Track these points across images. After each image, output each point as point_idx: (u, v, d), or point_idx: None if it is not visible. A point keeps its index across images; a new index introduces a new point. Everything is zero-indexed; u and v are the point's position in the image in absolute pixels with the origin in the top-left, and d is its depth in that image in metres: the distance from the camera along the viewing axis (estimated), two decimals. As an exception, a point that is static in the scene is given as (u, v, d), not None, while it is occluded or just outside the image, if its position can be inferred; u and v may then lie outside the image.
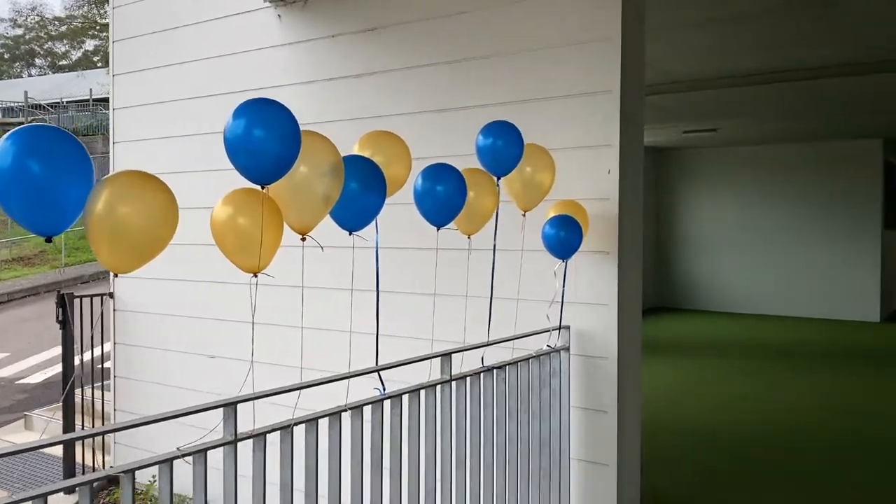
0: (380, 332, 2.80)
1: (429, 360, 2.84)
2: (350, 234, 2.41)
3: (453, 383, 2.97)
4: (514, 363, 3.40)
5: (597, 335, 3.79)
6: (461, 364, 3.04)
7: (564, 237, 3.56)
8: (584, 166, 3.82)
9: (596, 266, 3.78)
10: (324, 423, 2.37)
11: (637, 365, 4.04)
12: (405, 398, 2.71)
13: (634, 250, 4.06)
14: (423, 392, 2.80)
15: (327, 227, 2.43)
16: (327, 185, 2.22)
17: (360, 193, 2.36)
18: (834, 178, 13.79)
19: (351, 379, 2.49)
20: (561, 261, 3.63)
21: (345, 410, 2.42)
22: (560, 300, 3.73)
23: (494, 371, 3.24)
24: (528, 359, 3.50)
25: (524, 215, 3.55)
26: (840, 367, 8.69)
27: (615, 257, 3.78)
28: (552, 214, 3.63)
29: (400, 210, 2.96)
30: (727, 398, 7.18)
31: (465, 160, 3.28)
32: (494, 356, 3.27)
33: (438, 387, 2.88)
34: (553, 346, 3.69)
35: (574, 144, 3.85)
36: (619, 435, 3.75)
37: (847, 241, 13.67)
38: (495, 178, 3.26)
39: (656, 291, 15.42)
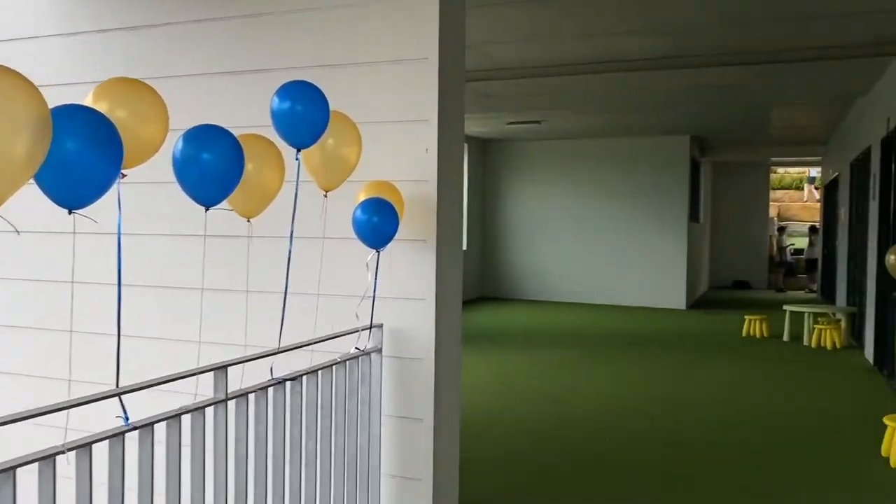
0: (141, 339, 2.16)
1: (195, 376, 2.24)
2: (70, 212, 1.78)
3: (230, 403, 2.40)
4: (314, 371, 2.87)
5: (412, 334, 3.35)
6: (242, 377, 2.47)
7: (378, 223, 3.08)
8: (400, 143, 3.36)
9: (412, 256, 3.34)
10: (31, 472, 1.72)
11: (456, 366, 3.66)
12: (161, 427, 2.11)
13: (454, 239, 3.67)
14: (186, 417, 2.20)
15: (40, 204, 1.79)
16: (26, 142, 1.58)
17: (82, 156, 1.73)
18: (647, 172, 14.44)
19: (80, 407, 1.85)
20: (374, 250, 3.15)
21: (62, 452, 1.78)
22: (371, 295, 3.25)
23: (287, 384, 2.70)
24: (331, 365, 2.99)
25: (325, 196, 3.02)
26: (655, 354, 8.95)
27: (433, 246, 3.36)
28: (363, 197, 3.14)
29: (157, 187, 2.34)
30: (550, 391, 7.08)
31: (264, 133, 2.71)
32: (288, 365, 2.73)
33: (209, 409, 2.30)
34: (363, 349, 3.20)
35: (388, 118, 3.38)
36: (436, 445, 3.34)
37: (658, 233, 14.37)
38: (295, 151, 2.72)
39: (480, 282, 15.46)
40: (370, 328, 3.25)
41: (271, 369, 2.63)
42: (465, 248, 14.68)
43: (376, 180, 3.23)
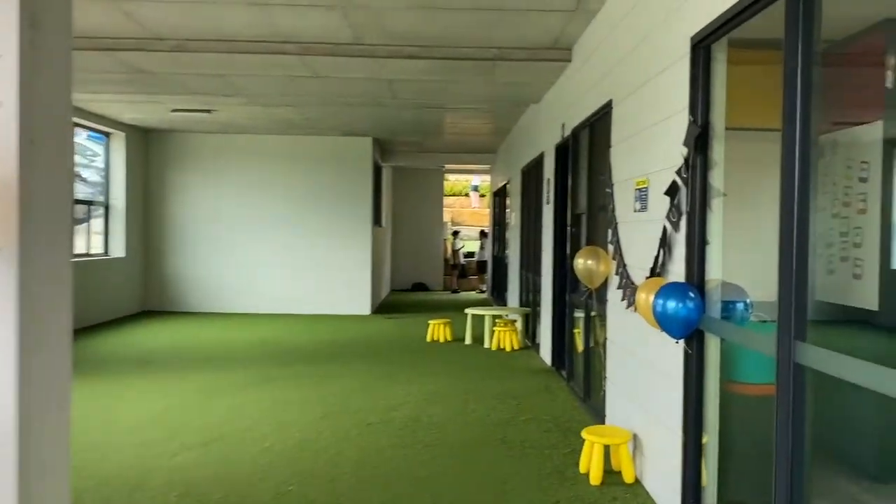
0: None
1: None
2: None
3: None
4: None
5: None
6: None
7: None
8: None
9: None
10: None
11: (60, 438, 2.40)
12: None
13: (57, 248, 2.41)
14: None
15: None
16: None
17: None
18: (331, 174, 13.77)
19: None
20: None
21: None
22: None
23: None
24: None
25: None
26: (340, 368, 8.19)
27: (15, 255, 2.09)
28: None
29: None
30: (220, 426, 5.88)
31: None
32: None
33: None
34: None
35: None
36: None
37: (344, 237, 13.77)
38: None
39: (143, 293, 13.49)
40: None
41: None
42: (123, 254, 12.71)
43: None
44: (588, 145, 6.37)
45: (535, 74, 7.93)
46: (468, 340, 10.15)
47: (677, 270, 4.04)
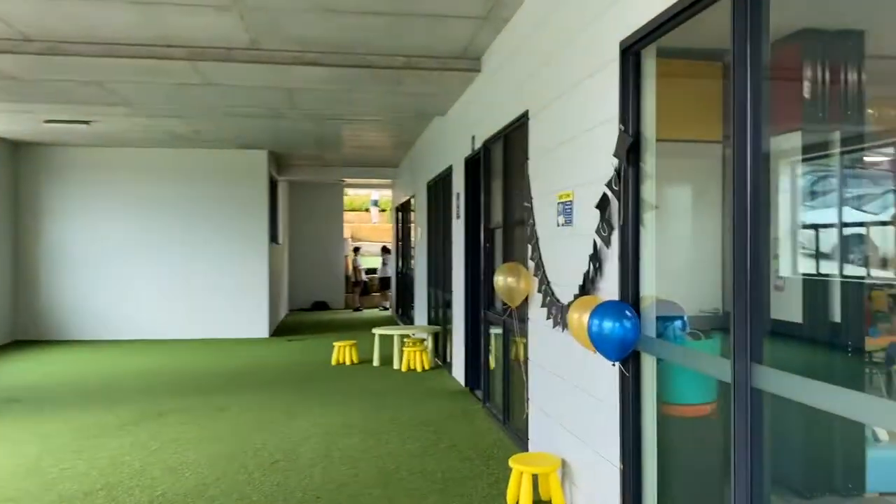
0: None
1: None
2: None
3: None
4: None
5: None
6: None
7: None
8: None
9: None
10: None
11: None
12: None
13: None
14: None
15: None
16: None
17: None
18: (224, 190, 13.04)
19: None
20: None
21: None
22: None
23: None
24: None
25: None
26: (239, 400, 7.58)
27: None
28: None
29: None
30: (96, 476, 5.22)
31: None
32: None
33: None
34: None
35: None
36: None
37: (238, 257, 13.05)
38: None
39: (13, 322, 12.30)
40: None
41: None
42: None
43: None
44: (502, 158, 6.13)
45: (444, 85, 7.65)
46: (376, 362, 9.71)
47: (609, 288, 3.81)
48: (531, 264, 5.18)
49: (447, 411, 6.96)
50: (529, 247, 5.20)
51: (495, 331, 6.69)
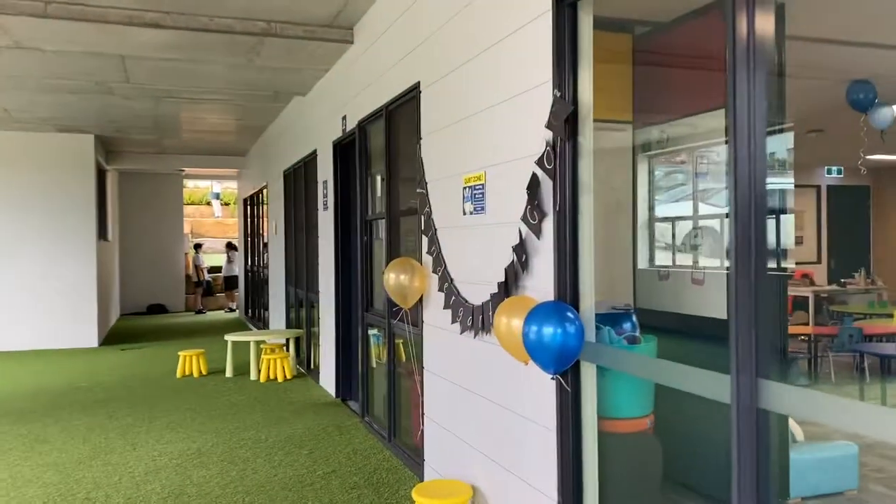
0: None
1: None
2: None
3: None
4: None
5: None
6: None
7: None
8: None
9: None
10: None
11: None
12: None
13: None
14: None
15: None
16: None
17: None
18: (45, 180, 11.33)
19: None
20: None
21: None
22: None
23: None
24: None
25: None
26: (66, 427, 6.33)
27: None
28: None
29: None
30: None
31: None
32: None
33: None
34: None
35: None
36: None
37: (60, 256, 11.37)
38: None
39: None
40: None
41: None
42: None
43: None
44: (384, 139, 5.39)
45: (309, 58, 6.77)
46: (230, 372, 8.64)
47: (539, 285, 3.20)
48: (427, 259, 4.49)
49: (320, 427, 6.13)
50: (426, 239, 4.51)
51: (376, 335, 5.95)
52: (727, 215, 4.02)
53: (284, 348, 8.79)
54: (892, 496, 4.47)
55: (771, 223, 3.80)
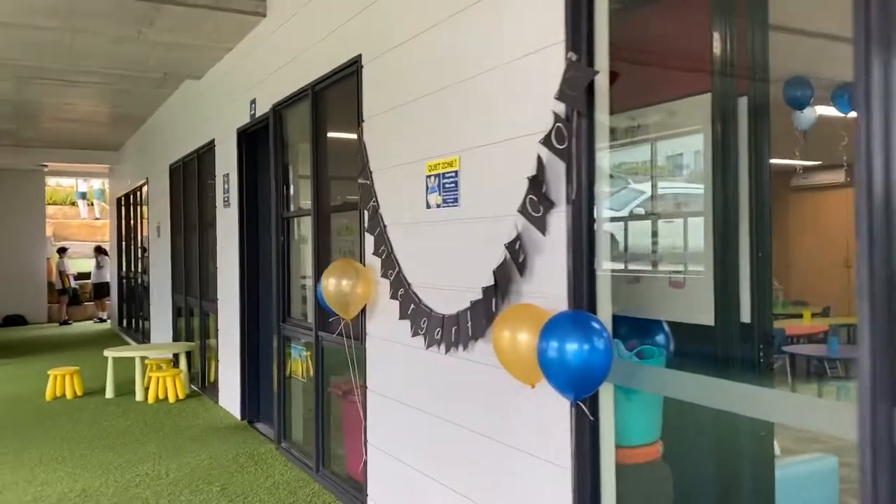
0: None
1: None
2: None
3: None
4: None
5: None
6: None
7: None
8: None
9: None
10: None
11: None
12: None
13: None
14: None
15: None
16: None
17: None
18: None
19: None
20: None
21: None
22: None
23: None
24: None
25: None
26: None
27: None
28: None
29: None
30: None
31: None
32: None
33: None
34: None
35: None
36: None
37: None
38: None
39: None
40: None
41: None
42: None
43: None
44: (311, 123, 4.67)
45: (211, 33, 5.91)
46: (111, 393, 7.54)
47: (544, 291, 2.64)
48: (374, 262, 3.84)
49: (229, 457, 5.30)
50: (371, 239, 3.85)
51: (298, 349, 5.20)
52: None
53: (173, 364, 7.80)
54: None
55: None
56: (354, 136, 4.16)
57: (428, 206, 3.36)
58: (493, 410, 2.92)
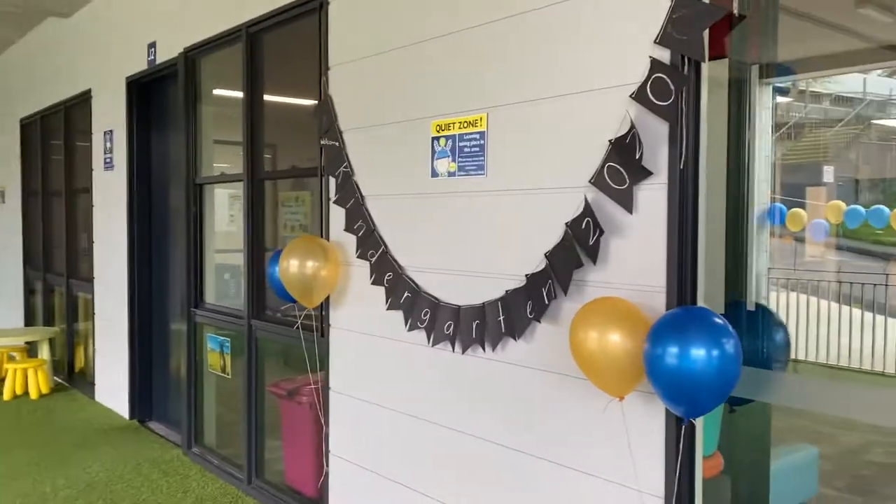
0: None
1: None
2: None
3: None
4: None
5: None
6: None
7: None
8: None
9: None
10: None
11: None
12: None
13: None
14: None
15: None
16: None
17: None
18: None
19: None
20: None
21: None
22: None
23: None
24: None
25: None
26: None
27: None
28: None
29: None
30: None
31: None
32: None
33: None
34: None
35: None
36: None
37: None
38: None
39: None
40: None
41: None
42: None
43: None
44: (245, 72, 3.88)
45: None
46: (-47, 390, 6.28)
47: (627, 281, 2.18)
48: (343, 240, 3.19)
49: (129, 466, 4.43)
50: (341, 212, 3.20)
51: (219, 339, 4.39)
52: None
53: (28, 353, 6.63)
54: (842, 498, 4.17)
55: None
56: (304, 89, 3.48)
57: (434, 175, 2.77)
58: (539, 423, 2.42)
